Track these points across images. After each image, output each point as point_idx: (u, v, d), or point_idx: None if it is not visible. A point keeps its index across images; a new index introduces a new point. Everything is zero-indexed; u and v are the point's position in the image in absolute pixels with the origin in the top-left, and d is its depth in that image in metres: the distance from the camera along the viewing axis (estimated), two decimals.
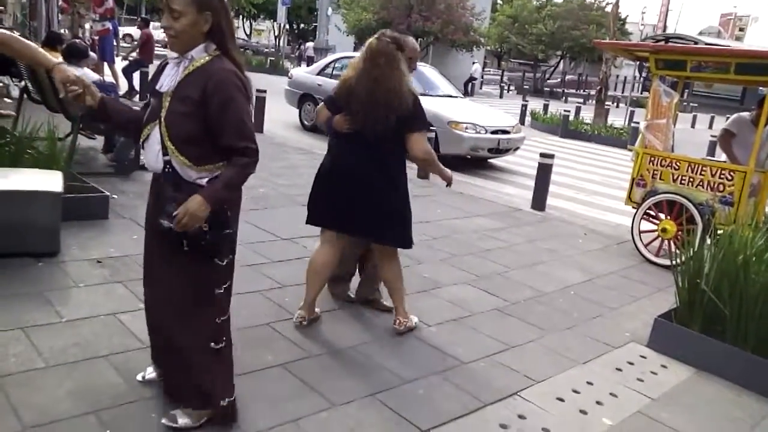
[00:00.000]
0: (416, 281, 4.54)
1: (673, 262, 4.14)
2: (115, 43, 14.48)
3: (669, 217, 5.69)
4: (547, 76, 39.03)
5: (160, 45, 15.00)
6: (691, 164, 5.69)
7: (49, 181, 4.18)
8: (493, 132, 10.03)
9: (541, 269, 5.20)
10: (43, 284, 3.65)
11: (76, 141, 5.86)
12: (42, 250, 4.03)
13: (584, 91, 36.08)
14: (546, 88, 34.59)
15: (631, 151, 6.31)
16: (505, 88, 32.03)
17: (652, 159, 5.92)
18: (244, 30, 47.72)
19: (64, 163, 5.01)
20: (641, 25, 32.98)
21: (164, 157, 2.28)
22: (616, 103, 29.45)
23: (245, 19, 46.25)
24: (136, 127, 2.39)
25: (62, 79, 2.27)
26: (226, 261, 2.46)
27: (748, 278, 3.60)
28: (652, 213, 5.90)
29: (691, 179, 5.66)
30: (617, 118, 20.12)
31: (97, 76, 7.21)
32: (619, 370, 3.57)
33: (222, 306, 2.50)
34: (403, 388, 3.07)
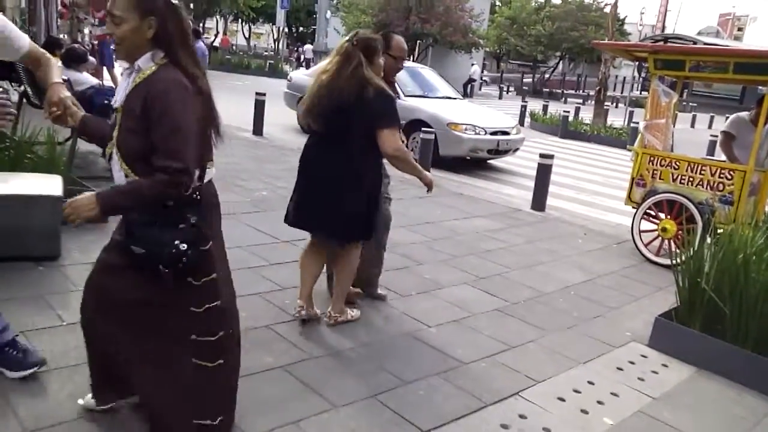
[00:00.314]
0: (416, 282, 4.54)
1: (674, 262, 4.14)
2: (114, 48, 14.49)
3: (669, 217, 5.69)
4: (546, 77, 39.06)
5: None
6: (691, 164, 5.69)
7: (49, 185, 4.19)
8: (493, 133, 10.03)
9: (541, 269, 5.20)
10: (43, 288, 3.66)
11: (75, 145, 5.86)
12: (42, 254, 4.04)
13: (583, 92, 36.12)
14: (545, 89, 34.64)
15: (630, 151, 6.31)
16: (504, 89, 32.05)
17: (652, 159, 5.92)
18: (243, 34, 47.79)
19: (64, 167, 5.01)
20: (640, 25, 33.04)
21: (125, 177, 2.12)
22: (615, 104, 29.49)
23: (244, 23, 46.30)
24: None
25: (47, 100, 2.29)
26: (204, 280, 2.24)
27: (748, 277, 3.60)
28: (652, 212, 5.91)
29: (691, 178, 5.66)
30: (616, 119, 20.14)
31: (97, 81, 7.22)
32: (620, 369, 3.57)
33: (209, 328, 2.29)
34: (403, 389, 3.07)
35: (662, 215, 5.77)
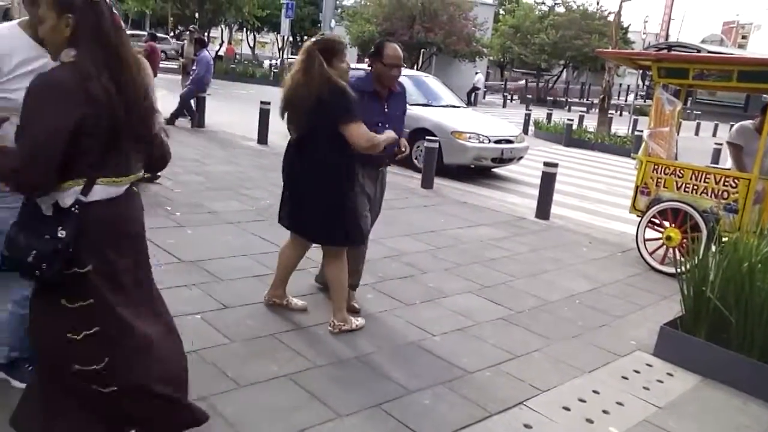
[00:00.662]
0: (421, 291, 4.54)
1: (678, 270, 4.13)
2: None
3: (673, 225, 5.68)
4: (550, 85, 39.11)
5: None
6: (695, 172, 5.69)
7: None
8: (497, 141, 10.04)
9: (546, 278, 5.20)
10: None
11: None
12: None
13: (587, 100, 36.13)
14: (549, 98, 34.67)
15: (634, 159, 6.31)
16: (509, 97, 32.10)
17: (656, 167, 5.92)
18: (248, 43, 47.99)
19: None
20: (643, 33, 33.08)
21: None
22: (619, 112, 29.44)
23: (249, 32, 46.50)
24: None
25: None
26: (79, 304, 2.06)
27: (753, 285, 3.59)
28: (657, 221, 5.90)
29: (695, 187, 5.66)
30: (620, 127, 20.12)
31: None
32: (625, 378, 3.56)
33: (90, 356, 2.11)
34: (408, 398, 3.07)
35: (667, 223, 5.76)
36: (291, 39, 40.57)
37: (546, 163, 7.51)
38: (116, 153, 2.06)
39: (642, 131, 7.93)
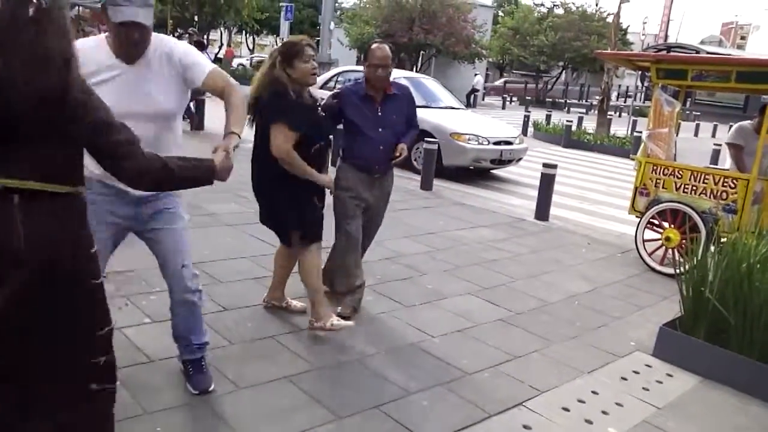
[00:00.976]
0: (420, 292, 4.54)
1: (677, 271, 4.14)
2: None
3: (672, 226, 5.68)
4: (549, 86, 39.12)
5: None
6: (694, 173, 5.69)
7: None
8: (496, 143, 10.05)
9: (546, 279, 5.20)
10: None
11: None
12: None
13: (586, 101, 36.13)
14: (548, 99, 34.68)
15: (633, 160, 6.32)
16: (507, 99, 32.09)
17: (655, 168, 5.92)
18: (248, 45, 48.03)
19: None
20: (642, 35, 33.00)
21: None
22: (618, 113, 29.48)
23: (248, 35, 46.55)
24: None
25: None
26: None
27: (752, 286, 3.59)
28: (656, 222, 5.90)
29: (694, 187, 5.66)
30: (620, 128, 20.12)
31: None
32: (625, 379, 3.56)
33: None
34: (407, 399, 3.07)
35: (666, 224, 5.77)
36: None
37: (545, 165, 7.51)
38: None
39: (641, 132, 7.94)
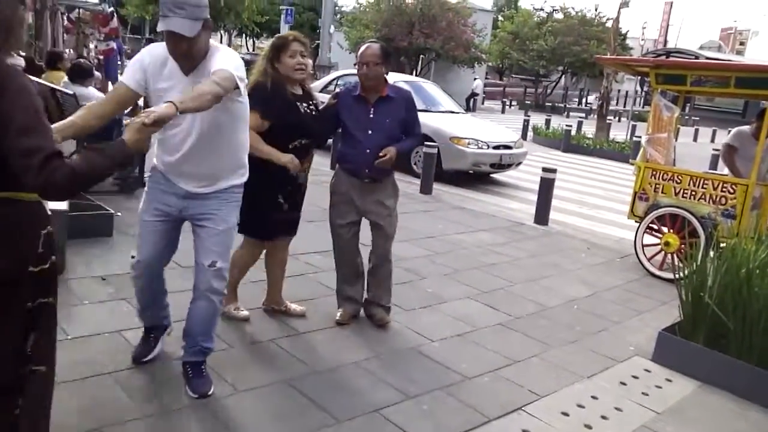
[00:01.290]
0: (419, 296, 4.54)
1: (677, 276, 4.14)
2: (120, 62, 14.64)
3: (672, 231, 5.69)
4: (549, 91, 39.18)
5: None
6: (693, 178, 5.71)
7: None
8: (495, 147, 10.06)
9: (545, 284, 5.20)
10: None
11: None
12: None
13: (586, 106, 36.18)
14: (548, 103, 34.72)
15: (633, 165, 6.33)
16: (507, 103, 32.13)
17: (654, 173, 5.93)
18: (248, 48, 48.11)
19: None
20: (642, 40, 33.05)
21: None
22: (617, 118, 29.53)
23: (248, 38, 46.63)
24: None
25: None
26: None
27: (751, 291, 3.60)
28: (655, 227, 5.91)
29: (693, 193, 5.67)
30: (619, 133, 20.17)
31: (103, 95, 7.27)
32: (624, 384, 3.56)
33: None
34: (407, 403, 3.07)
35: (665, 229, 5.77)
36: None
37: (544, 169, 7.52)
38: None
39: (640, 137, 7.95)
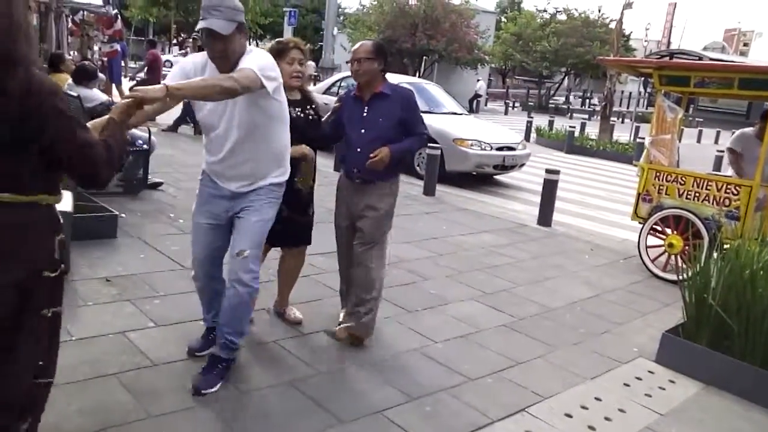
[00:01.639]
0: (423, 298, 4.55)
1: (680, 277, 4.14)
2: (123, 64, 14.69)
3: (675, 232, 5.69)
4: (552, 92, 39.16)
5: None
6: (697, 179, 5.70)
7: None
8: (499, 148, 10.06)
9: (548, 285, 5.20)
10: None
11: None
12: None
13: (589, 107, 36.15)
14: (551, 105, 34.69)
15: (636, 166, 6.32)
16: (510, 104, 32.11)
17: (658, 174, 5.93)
18: None
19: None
20: (645, 41, 33.06)
21: None
22: (621, 119, 29.50)
23: (252, 40, 46.74)
24: None
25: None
26: None
27: (755, 293, 3.59)
28: (659, 228, 5.90)
29: (697, 194, 5.66)
30: (622, 134, 20.14)
31: (107, 97, 7.29)
32: (627, 385, 3.56)
33: None
34: (410, 405, 3.07)
35: (669, 230, 5.77)
36: None
37: (548, 170, 7.52)
38: None
39: (644, 138, 7.94)
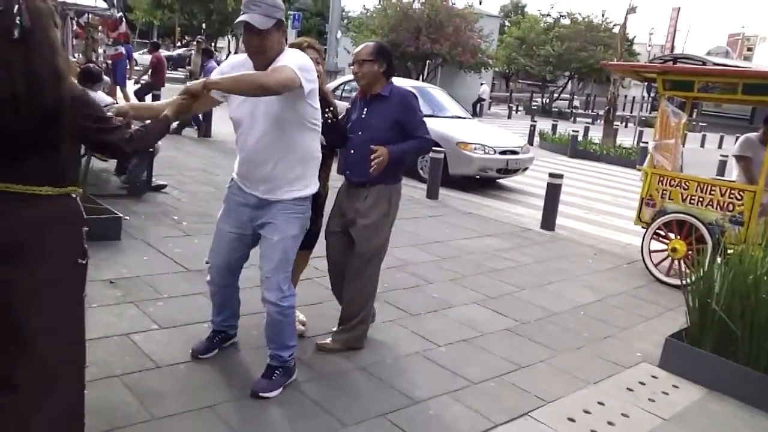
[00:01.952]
0: (426, 301, 4.55)
1: (684, 282, 4.13)
2: (128, 67, 14.74)
3: (679, 237, 5.68)
4: (555, 96, 39.16)
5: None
6: (701, 184, 5.69)
7: None
8: (502, 152, 10.06)
9: (552, 289, 5.20)
10: None
11: (89, 163, 5.93)
12: None
13: (593, 112, 36.15)
14: (554, 109, 34.68)
15: (640, 171, 6.32)
16: (514, 108, 32.11)
17: (661, 179, 5.93)
18: None
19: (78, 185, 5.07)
20: (649, 45, 33.07)
21: None
22: (624, 123, 29.48)
23: None
24: None
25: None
26: None
27: (759, 298, 3.59)
28: (662, 233, 5.90)
29: (701, 199, 5.66)
30: (626, 138, 20.13)
31: (111, 100, 7.33)
32: (631, 390, 3.56)
33: None
34: (413, 408, 3.07)
35: (672, 235, 5.76)
36: None
37: (551, 174, 7.52)
38: None
39: (647, 143, 7.93)
